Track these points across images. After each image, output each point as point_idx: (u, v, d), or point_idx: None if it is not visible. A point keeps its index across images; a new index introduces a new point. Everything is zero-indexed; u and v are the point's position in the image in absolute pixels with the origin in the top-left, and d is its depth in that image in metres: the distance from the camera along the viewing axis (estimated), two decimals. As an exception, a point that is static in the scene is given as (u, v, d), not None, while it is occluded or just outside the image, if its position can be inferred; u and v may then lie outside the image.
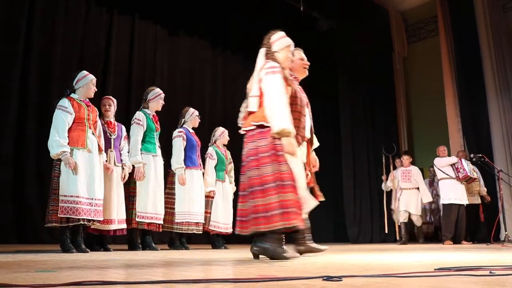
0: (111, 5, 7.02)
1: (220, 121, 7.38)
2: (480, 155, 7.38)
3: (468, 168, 7.18)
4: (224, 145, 6.07)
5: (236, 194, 4.86)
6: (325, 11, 9.32)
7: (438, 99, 9.39)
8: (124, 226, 4.55)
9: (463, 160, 7.32)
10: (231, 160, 6.10)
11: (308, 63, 3.80)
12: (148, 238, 4.88)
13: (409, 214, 7.63)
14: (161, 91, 5.13)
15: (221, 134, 6.01)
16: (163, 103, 5.12)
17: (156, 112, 5.11)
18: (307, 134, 3.65)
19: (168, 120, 6.26)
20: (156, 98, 5.03)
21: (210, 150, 5.89)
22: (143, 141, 4.85)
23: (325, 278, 1.68)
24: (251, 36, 8.33)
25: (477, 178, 7.32)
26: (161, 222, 4.92)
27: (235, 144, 6.88)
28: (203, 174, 5.61)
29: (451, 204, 6.86)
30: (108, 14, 7.02)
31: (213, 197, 5.69)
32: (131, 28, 7.33)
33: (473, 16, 9.31)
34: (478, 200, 7.57)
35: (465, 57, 9.37)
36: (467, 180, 7.14)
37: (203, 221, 5.43)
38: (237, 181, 6.22)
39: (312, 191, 3.70)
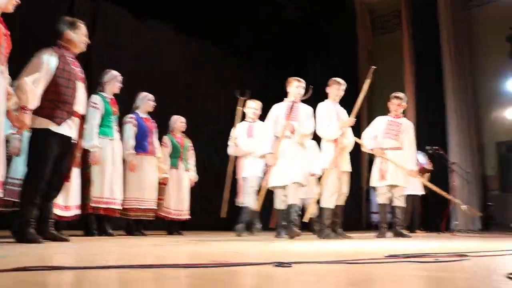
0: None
1: (182, 108, 7.31)
2: (436, 147, 7.61)
3: (423, 160, 7.40)
4: (182, 132, 6.01)
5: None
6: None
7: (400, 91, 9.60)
8: (79, 211, 4.44)
9: (419, 152, 7.52)
10: (191, 147, 6.05)
11: (88, 41, 3.65)
12: (104, 224, 4.80)
13: None
14: (118, 74, 4.96)
15: (175, 122, 5.95)
16: (121, 85, 4.96)
17: (115, 95, 4.99)
18: (79, 109, 3.52)
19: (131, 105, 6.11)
20: (112, 81, 4.88)
21: (165, 138, 5.84)
22: (100, 125, 4.72)
23: (275, 264, 1.70)
24: (219, 23, 8.34)
25: (431, 169, 7.50)
26: (119, 207, 4.82)
27: (198, 132, 6.90)
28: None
29: (407, 195, 7.01)
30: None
31: (166, 184, 5.65)
32: (93, 11, 7.09)
33: (435, 12, 9.50)
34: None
35: (425, 52, 9.56)
36: (422, 172, 7.34)
37: (155, 207, 5.35)
38: (198, 169, 6.27)
39: None
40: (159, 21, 8.01)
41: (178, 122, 5.95)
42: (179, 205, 5.74)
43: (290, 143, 4.72)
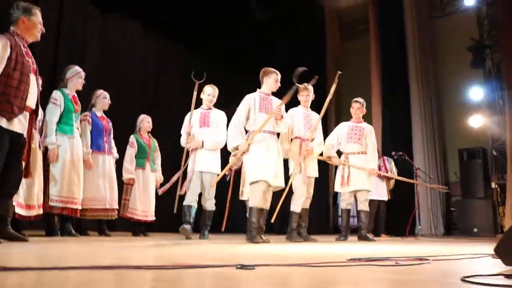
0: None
1: (149, 107, 7.24)
2: (401, 153, 7.79)
3: (390, 166, 7.54)
4: (148, 132, 5.95)
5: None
6: (261, 2, 9.35)
7: (366, 98, 9.74)
8: (41, 211, 4.33)
9: (385, 158, 7.67)
10: (157, 148, 6.00)
11: (43, 29, 3.53)
12: (67, 224, 4.69)
13: None
14: (80, 70, 4.87)
15: (141, 121, 5.88)
16: (83, 82, 4.87)
17: (78, 92, 4.90)
18: (31, 104, 3.38)
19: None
20: (75, 77, 4.79)
21: (131, 138, 5.78)
22: (60, 121, 4.62)
23: (238, 266, 1.70)
24: (186, 22, 8.30)
25: (393, 177, 7.63)
26: (78, 207, 4.70)
27: (163, 132, 6.81)
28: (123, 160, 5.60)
29: (372, 199, 7.12)
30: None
31: (132, 184, 5.59)
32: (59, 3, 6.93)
33: (401, 21, 9.75)
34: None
35: (391, 59, 9.77)
36: (388, 178, 7.49)
37: (114, 207, 5.27)
38: (163, 170, 6.19)
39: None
40: (127, 18, 7.92)
41: (145, 121, 5.89)
42: (145, 206, 5.67)
43: (271, 139, 4.48)
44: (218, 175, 4.81)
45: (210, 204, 5.12)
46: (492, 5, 8.98)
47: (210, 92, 5.24)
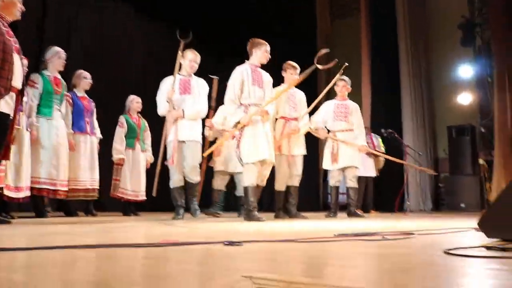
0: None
1: (137, 89, 7.19)
2: (390, 130, 7.83)
3: (377, 142, 7.59)
4: (138, 112, 5.93)
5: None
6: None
7: (356, 77, 9.76)
8: (29, 193, 4.32)
9: (373, 135, 7.71)
10: (147, 128, 5.99)
11: (23, 8, 3.43)
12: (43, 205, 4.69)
13: None
14: (60, 50, 4.79)
15: (131, 102, 5.86)
16: (64, 62, 4.80)
17: (61, 72, 4.84)
18: (17, 84, 3.32)
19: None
20: (55, 58, 4.72)
21: (121, 118, 5.77)
22: (39, 104, 4.57)
23: (226, 243, 1.72)
24: (175, 4, 8.18)
25: (380, 154, 7.67)
26: (58, 188, 4.65)
27: (154, 113, 6.77)
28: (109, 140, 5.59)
29: (360, 176, 7.16)
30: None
31: (122, 165, 5.60)
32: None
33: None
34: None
35: (382, 37, 9.76)
36: (376, 155, 7.53)
37: (95, 187, 5.28)
38: (154, 150, 6.18)
39: None
40: (118, 1, 7.79)
41: (134, 102, 5.86)
42: (135, 186, 5.69)
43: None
44: (204, 147, 4.69)
45: (195, 175, 4.61)
46: (482, -17, 8.94)
47: (192, 58, 4.72)
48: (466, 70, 9.05)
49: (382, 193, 8.34)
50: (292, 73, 5.23)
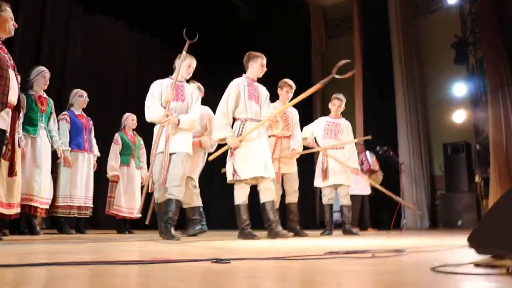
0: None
1: (131, 106, 7.20)
2: (386, 148, 7.85)
3: (372, 160, 7.59)
4: (133, 130, 5.96)
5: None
6: (246, 0, 9.34)
7: (350, 94, 9.82)
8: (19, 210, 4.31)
9: (367, 153, 7.72)
10: (142, 145, 6.00)
11: (16, 24, 3.47)
12: (27, 222, 4.63)
13: None
14: (44, 69, 4.83)
15: (126, 119, 5.91)
16: (47, 82, 4.83)
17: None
18: (12, 100, 3.33)
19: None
20: (38, 77, 4.76)
21: (116, 135, 5.82)
22: (24, 122, 4.58)
23: (214, 260, 1.71)
24: (171, 20, 8.24)
25: (378, 171, 7.69)
26: (38, 205, 4.59)
27: (148, 130, 6.78)
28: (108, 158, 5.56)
29: (355, 194, 7.14)
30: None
31: (117, 182, 5.61)
32: (42, 1, 6.85)
33: (386, 19, 9.83)
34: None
35: (376, 56, 9.87)
36: (370, 173, 7.54)
37: (89, 205, 5.27)
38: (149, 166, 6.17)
39: None
40: (110, 16, 7.85)
41: (129, 119, 5.92)
42: (130, 203, 5.68)
43: (261, 131, 4.34)
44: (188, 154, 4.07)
45: (178, 191, 3.96)
46: (474, 3, 9.08)
47: (189, 62, 4.25)
48: (460, 88, 9.14)
49: (381, 210, 8.32)
50: (288, 91, 5.22)
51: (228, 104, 4.26)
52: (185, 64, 4.21)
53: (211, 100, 5.25)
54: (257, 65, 4.46)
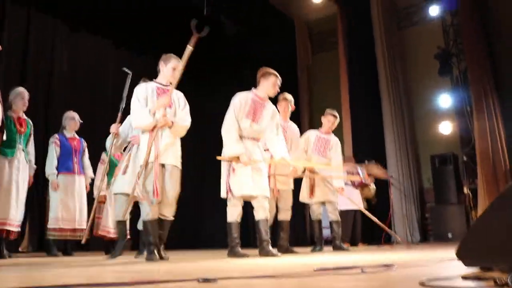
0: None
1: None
2: (373, 161, 7.87)
3: (363, 174, 7.61)
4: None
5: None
6: (231, 16, 9.40)
7: (338, 108, 9.86)
8: None
9: (358, 167, 7.73)
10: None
11: (0, 47, 3.45)
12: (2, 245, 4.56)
13: None
14: (22, 90, 4.84)
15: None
16: (26, 103, 4.83)
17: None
18: None
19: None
20: (17, 99, 4.78)
21: (103, 155, 5.75)
22: (2, 144, 4.55)
23: (200, 280, 1.68)
24: (156, 37, 8.26)
25: (370, 184, 7.73)
26: (11, 228, 4.54)
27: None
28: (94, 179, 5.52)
29: (348, 210, 7.12)
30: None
31: (104, 202, 5.55)
32: (26, 20, 6.83)
33: (370, 32, 9.92)
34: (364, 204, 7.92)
35: (361, 69, 9.94)
36: (362, 186, 7.55)
37: (83, 227, 5.21)
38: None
39: None
40: (96, 35, 7.85)
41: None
42: None
43: (254, 145, 4.25)
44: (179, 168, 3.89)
45: (170, 211, 3.88)
46: (455, 14, 9.22)
47: (175, 65, 3.97)
48: (445, 100, 9.22)
49: (370, 225, 8.30)
50: (285, 106, 5.26)
51: (234, 122, 4.14)
52: (170, 67, 3.96)
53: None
54: (268, 84, 4.28)
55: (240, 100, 4.23)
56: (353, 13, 10.28)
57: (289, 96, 5.29)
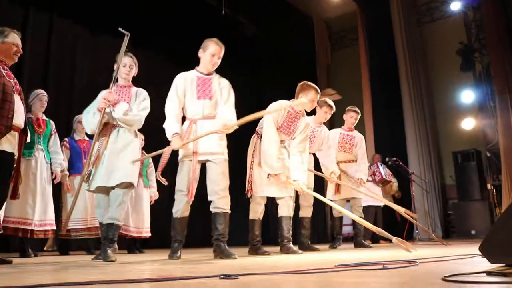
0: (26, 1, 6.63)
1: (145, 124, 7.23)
2: (394, 158, 7.80)
3: (384, 171, 7.54)
4: (142, 149, 5.97)
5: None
6: (250, 16, 9.41)
7: (358, 105, 9.77)
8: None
9: (379, 163, 7.67)
10: (151, 164, 6.02)
11: (21, 51, 3.49)
12: (26, 244, 4.63)
13: None
14: (41, 92, 4.91)
15: None
16: (44, 104, 4.90)
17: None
18: (19, 123, 3.38)
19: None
20: (35, 100, 4.84)
21: None
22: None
23: (222, 276, 1.69)
24: (176, 38, 8.32)
25: (392, 180, 7.68)
26: (33, 227, 4.58)
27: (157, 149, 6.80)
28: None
29: (369, 206, 7.09)
30: (23, 9, 6.63)
31: None
32: (48, 26, 6.95)
33: (390, 29, 9.84)
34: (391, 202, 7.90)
35: (382, 67, 9.86)
36: (383, 183, 7.49)
37: (97, 225, 5.27)
38: (161, 185, 6.18)
39: None
40: (115, 38, 7.93)
41: None
42: (138, 222, 5.67)
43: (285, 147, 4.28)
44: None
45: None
46: (478, 10, 9.07)
47: (215, 51, 3.76)
48: (467, 95, 9.09)
49: (392, 222, 8.22)
50: (327, 111, 5.22)
51: (274, 133, 4.09)
52: (208, 53, 3.73)
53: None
54: (306, 99, 4.16)
55: (277, 113, 4.13)
56: (372, 10, 10.20)
57: (331, 102, 5.27)
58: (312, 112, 4.85)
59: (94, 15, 7.37)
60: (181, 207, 3.57)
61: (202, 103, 3.61)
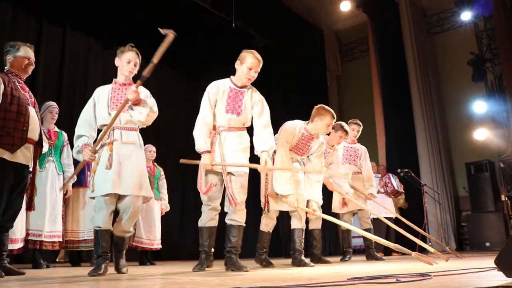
0: (40, 14, 6.74)
1: (151, 137, 7.27)
2: (406, 170, 7.74)
3: (396, 182, 7.48)
4: (153, 161, 6.00)
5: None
6: (261, 28, 9.46)
7: (369, 117, 9.77)
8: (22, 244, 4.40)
9: (391, 175, 7.61)
10: (163, 176, 6.04)
11: (33, 64, 3.52)
12: (37, 255, 4.66)
13: None
14: (51, 104, 4.96)
15: (145, 151, 5.93)
16: (55, 116, 4.94)
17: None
18: (33, 136, 3.41)
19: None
20: (45, 112, 4.89)
21: None
22: None
23: (233, 289, 1.69)
24: (187, 50, 8.39)
25: (403, 192, 7.63)
26: (40, 238, 4.60)
27: (168, 161, 6.83)
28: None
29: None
30: (37, 23, 6.74)
31: None
32: (62, 39, 7.06)
33: (400, 39, 9.84)
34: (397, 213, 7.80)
35: (392, 78, 9.84)
36: (395, 194, 7.43)
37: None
38: (173, 198, 6.21)
39: None
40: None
41: (147, 151, 5.93)
42: (150, 234, 5.69)
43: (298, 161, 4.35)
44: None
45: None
46: (489, 19, 9.04)
47: (252, 65, 3.69)
48: (480, 106, 9.02)
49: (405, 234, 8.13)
50: (342, 136, 5.25)
51: (287, 155, 4.08)
52: (245, 66, 3.64)
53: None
54: (322, 124, 4.17)
55: (291, 130, 4.18)
56: (382, 21, 10.21)
57: (347, 127, 5.33)
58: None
59: (106, 29, 7.47)
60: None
61: (229, 117, 3.54)
